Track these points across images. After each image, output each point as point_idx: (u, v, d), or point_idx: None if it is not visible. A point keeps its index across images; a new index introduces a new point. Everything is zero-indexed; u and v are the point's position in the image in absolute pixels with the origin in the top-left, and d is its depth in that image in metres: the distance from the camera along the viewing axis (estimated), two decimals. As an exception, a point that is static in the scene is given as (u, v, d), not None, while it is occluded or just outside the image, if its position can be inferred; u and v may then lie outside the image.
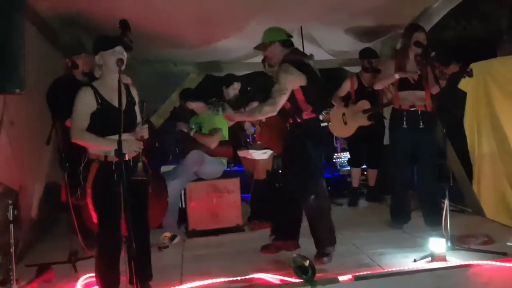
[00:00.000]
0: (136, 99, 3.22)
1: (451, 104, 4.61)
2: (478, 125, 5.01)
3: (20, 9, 2.39)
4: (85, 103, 3.00)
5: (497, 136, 4.74)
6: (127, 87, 3.15)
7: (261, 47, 3.87)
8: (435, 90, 4.37)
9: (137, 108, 3.21)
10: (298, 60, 3.70)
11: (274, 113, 3.71)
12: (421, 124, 4.41)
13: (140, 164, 3.07)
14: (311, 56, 3.88)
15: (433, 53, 4.21)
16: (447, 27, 5.43)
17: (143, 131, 3.08)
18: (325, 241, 3.70)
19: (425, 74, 4.31)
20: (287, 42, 3.80)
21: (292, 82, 3.61)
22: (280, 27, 3.83)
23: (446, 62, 4.18)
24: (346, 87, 5.70)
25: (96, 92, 3.02)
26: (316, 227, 3.73)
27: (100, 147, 3.01)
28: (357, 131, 5.60)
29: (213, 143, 4.84)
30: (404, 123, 4.44)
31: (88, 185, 3.02)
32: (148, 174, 3.16)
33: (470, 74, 4.20)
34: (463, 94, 4.94)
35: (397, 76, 4.42)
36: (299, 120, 3.71)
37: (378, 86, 4.76)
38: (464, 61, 4.70)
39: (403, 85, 4.43)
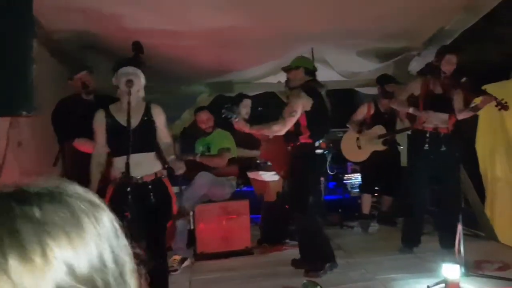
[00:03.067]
0: (159, 118, 3.23)
1: (463, 127, 4.54)
2: (490, 148, 4.95)
3: (30, 30, 2.38)
4: (98, 125, 3.16)
5: (510, 159, 4.66)
6: (147, 106, 3.20)
7: (286, 69, 4.17)
8: (461, 116, 4.30)
9: (161, 127, 3.23)
10: (311, 87, 4.00)
11: (282, 132, 3.96)
12: (443, 146, 4.33)
13: None
14: (323, 85, 4.17)
15: (464, 79, 4.15)
16: (460, 49, 5.38)
17: (181, 169, 3.17)
18: (314, 259, 3.88)
19: (452, 97, 4.24)
20: (310, 71, 4.09)
21: (301, 105, 3.89)
22: (309, 58, 4.29)
23: (476, 93, 4.14)
24: (363, 111, 5.63)
25: (108, 114, 3.11)
26: (304, 246, 3.96)
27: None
28: (370, 157, 5.53)
29: (222, 162, 4.81)
30: (427, 145, 4.36)
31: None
32: (169, 196, 3.19)
33: (505, 108, 4.05)
34: (475, 116, 4.88)
35: (411, 110, 4.43)
36: (296, 143, 3.97)
37: (393, 105, 4.79)
38: (477, 83, 4.66)
39: (428, 105, 4.33)
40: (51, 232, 0.52)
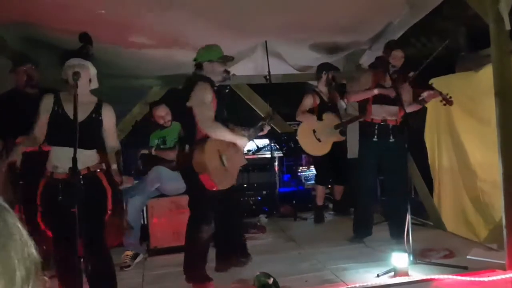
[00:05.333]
0: (108, 118, 3.12)
1: (412, 118, 4.68)
2: (438, 139, 5.12)
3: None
4: (43, 109, 3.02)
5: (457, 150, 4.85)
6: (99, 104, 3.10)
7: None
8: (409, 109, 4.40)
9: (108, 129, 3.14)
10: None
11: None
12: (391, 137, 4.45)
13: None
14: None
15: (412, 73, 4.26)
16: (408, 43, 5.54)
17: (125, 182, 3.16)
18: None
19: (400, 90, 4.35)
20: None
21: None
22: None
23: (424, 87, 4.25)
24: (309, 103, 5.48)
25: (56, 101, 3.00)
26: None
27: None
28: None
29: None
30: (375, 137, 4.46)
31: (38, 201, 2.96)
32: (103, 190, 3.09)
33: (450, 103, 4.20)
34: (424, 108, 5.04)
35: (375, 91, 4.40)
36: None
37: (353, 99, 4.76)
38: (425, 77, 4.81)
39: (377, 99, 4.44)
40: None
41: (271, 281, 3.27)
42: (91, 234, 2.91)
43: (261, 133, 4.02)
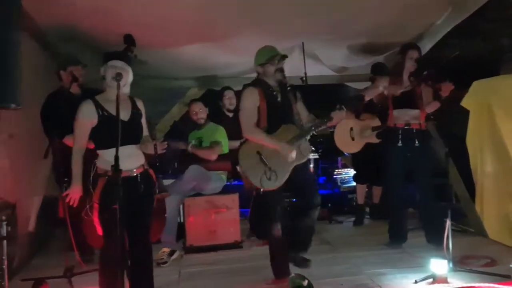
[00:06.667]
0: (143, 112, 3.26)
1: (454, 122, 4.57)
2: (481, 144, 4.96)
3: (15, 21, 2.37)
4: (86, 117, 3.05)
5: (500, 155, 4.68)
6: (132, 100, 3.22)
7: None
8: (429, 109, 4.36)
9: (143, 121, 3.26)
10: None
11: None
12: (416, 142, 4.39)
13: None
14: None
15: (425, 72, 4.19)
16: (450, 44, 5.41)
17: (163, 148, 3.16)
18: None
19: (419, 92, 4.29)
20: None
21: None
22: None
23: (438, 81, 4.17)
24: None
25: (98, 105, 3.06)
26: None
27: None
28: (364, 148, 5.51)
29: (213, 155, 4.81)
30: (400, 142, 4.40)
31: (95, 199, 3.01)
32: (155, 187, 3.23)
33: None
34: (466, 112, 4.90)
35: (380, 88, 4.30)
36: None
37: (366, 97, 4.73)
38: (467, 79, 4.70)
39: (397, 103, 4.41)
40: None
41: (305, 283, 3.26)
42: (140, 229, 3.08)
43: (330, 124, 3.91)
